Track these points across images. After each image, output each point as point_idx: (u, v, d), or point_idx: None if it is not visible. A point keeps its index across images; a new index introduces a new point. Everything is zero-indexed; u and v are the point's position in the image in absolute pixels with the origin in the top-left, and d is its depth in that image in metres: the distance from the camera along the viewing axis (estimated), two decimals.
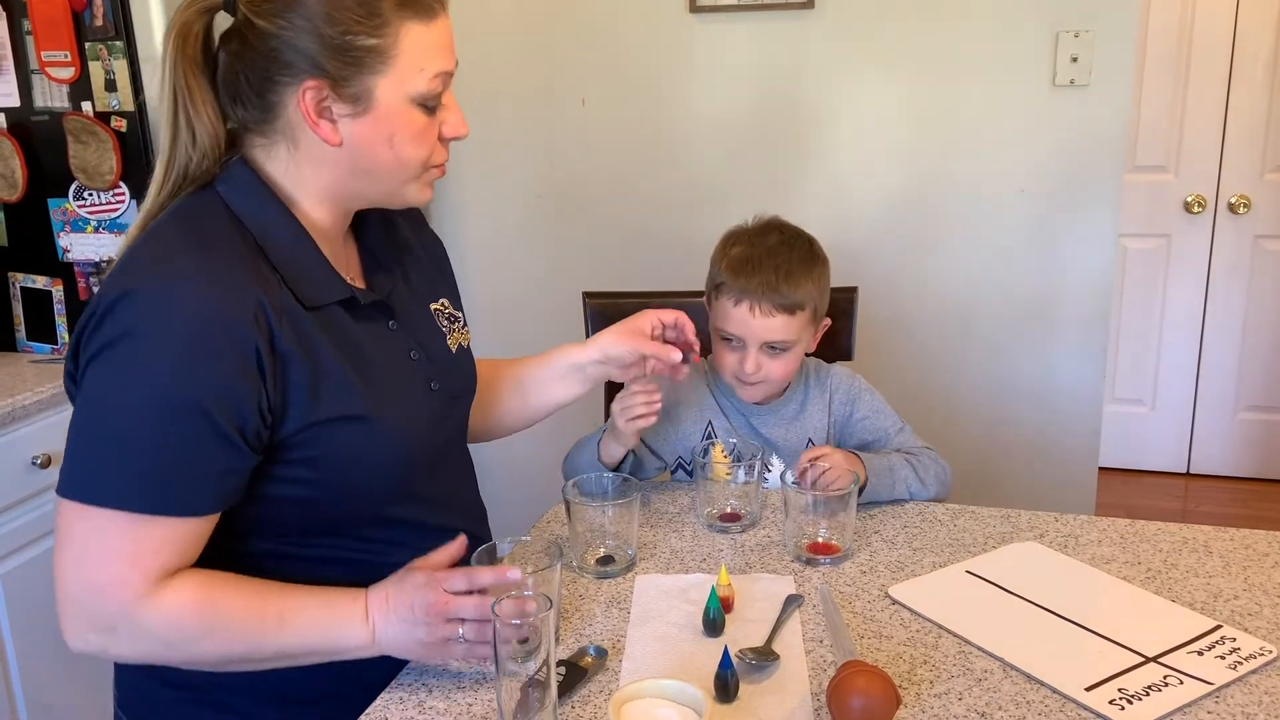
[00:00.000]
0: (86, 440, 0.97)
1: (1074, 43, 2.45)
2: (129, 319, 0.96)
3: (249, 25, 1.00)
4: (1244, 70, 3.46)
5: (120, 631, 0.99)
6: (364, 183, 1.08)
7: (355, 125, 1.03)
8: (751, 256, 1.48)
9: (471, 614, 1.01)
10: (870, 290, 2.37)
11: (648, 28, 2.65)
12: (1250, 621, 1.15)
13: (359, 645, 1.04)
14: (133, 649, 1.02)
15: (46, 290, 2.19)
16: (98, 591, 0.98)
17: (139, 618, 0.98)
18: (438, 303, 1.25)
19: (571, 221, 2.81)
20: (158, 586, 0.98)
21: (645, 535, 1.39)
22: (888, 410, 1.60)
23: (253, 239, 1.04)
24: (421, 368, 1.17)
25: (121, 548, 0.97)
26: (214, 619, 1.01)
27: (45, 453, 1.97)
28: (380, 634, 1.03)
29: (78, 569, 0.98)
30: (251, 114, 1.05)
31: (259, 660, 1.04)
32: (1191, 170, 3.58)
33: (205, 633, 1.01)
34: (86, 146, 2.06)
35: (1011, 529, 1.40)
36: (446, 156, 1.11)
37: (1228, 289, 3.64)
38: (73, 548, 0.98)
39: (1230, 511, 3.56)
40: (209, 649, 1.02)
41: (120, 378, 0.96)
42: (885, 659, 1.10)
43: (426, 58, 1.02)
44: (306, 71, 0.99)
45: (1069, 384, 2.64)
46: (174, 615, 0.99)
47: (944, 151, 2.60)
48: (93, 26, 2.02)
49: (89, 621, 1.00)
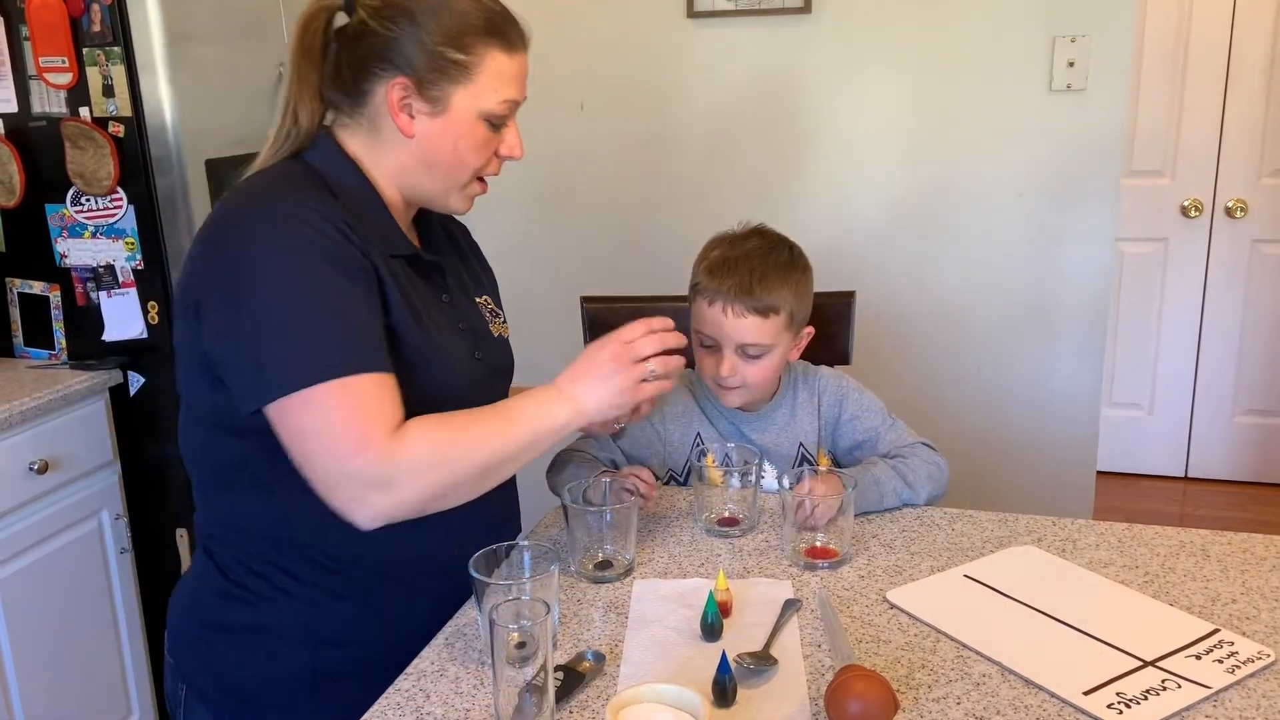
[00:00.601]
0: (266, 343, 1.06)
1: (1071, 47, 2.46)
2: (259, 233, 1.08)
3: (363, 25, 1.15)
4: (1240, 75, 3.47)
5: (396, 478, 1.06)
6: (424, 175, 1.21)
7: (429, 123, 1.17)
8: (728, 259, 1.49)
9: (653, 348, 1.18)
10: (868, 295, 2.37)
11: (645, 33, 2.66)
12: (1248, 625, 1.15)
13: (569, 418, 1.17)
14: (414, 488, 1.07)
15: (44, 295, 2.19)
16: (357, 453, 1.04)
17: (401, 455, 1.06)
18: (482, 298, 1.38)
19: (570, 226, 2.82)
20: (396, 430, 1.06)
21: (643, 540, 1.39)
22: (876, 408, 1.59)
23: (332, 193, 1.16)
24: (468, 338, 1.28)
25: (352, 409, 1.05)
26: (453, 431, 1.11)
27: (43, 458, 1.97)
28: (582, 401, 1.17)
29: (330, 448, 1.05)
30: (344, 98, 1.19)
31: (502, 461, 1.13)
32: (1188, 174, 3.59)
33: (458, 435, 1.11)
34: (84, 152, 2.06)
35: (1009, 533, 1.40)
36: (497, 172, 1.25)
37: (1225, 293, 3.65)
38: (315, 434, 1.05)
39: (1228, 515, 3.57)
40: (468, 453, 1.11)
41: (273, 279, 1.06)
42: (883, 663, 1.10)
43: (502, 82, 1.18)
44: (399, 70, 1.14)
45: (1067, 388, 2.64)
46: (427, 436, 1.08)
47: (941, 156, 2.60)
48: (90, 32, 2.02)
49: (365, 485, 1.05)
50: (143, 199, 2.09)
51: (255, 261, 1.07)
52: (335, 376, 1.04)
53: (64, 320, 2.19)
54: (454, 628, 1.20)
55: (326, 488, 1.06)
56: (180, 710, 1.27)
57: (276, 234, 1.08)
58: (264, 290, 1.06)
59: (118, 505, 2.17)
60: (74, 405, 2.06)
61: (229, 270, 1.08)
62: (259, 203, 1.13)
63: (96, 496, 2.12)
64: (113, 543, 2.16)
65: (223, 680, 1.23)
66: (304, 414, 1.05)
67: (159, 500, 2.22)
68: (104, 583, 2.15)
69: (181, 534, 2.21)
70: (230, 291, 1.07)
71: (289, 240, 1.08)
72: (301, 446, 1.06)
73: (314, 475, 1.07)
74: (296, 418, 1.05)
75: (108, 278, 2.14)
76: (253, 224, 1.10)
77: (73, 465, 2.06)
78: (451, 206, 1.26)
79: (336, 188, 1.17)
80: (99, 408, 2.12)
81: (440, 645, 1.16)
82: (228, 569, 1.22)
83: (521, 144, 1.24)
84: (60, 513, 2.03)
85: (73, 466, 2.06)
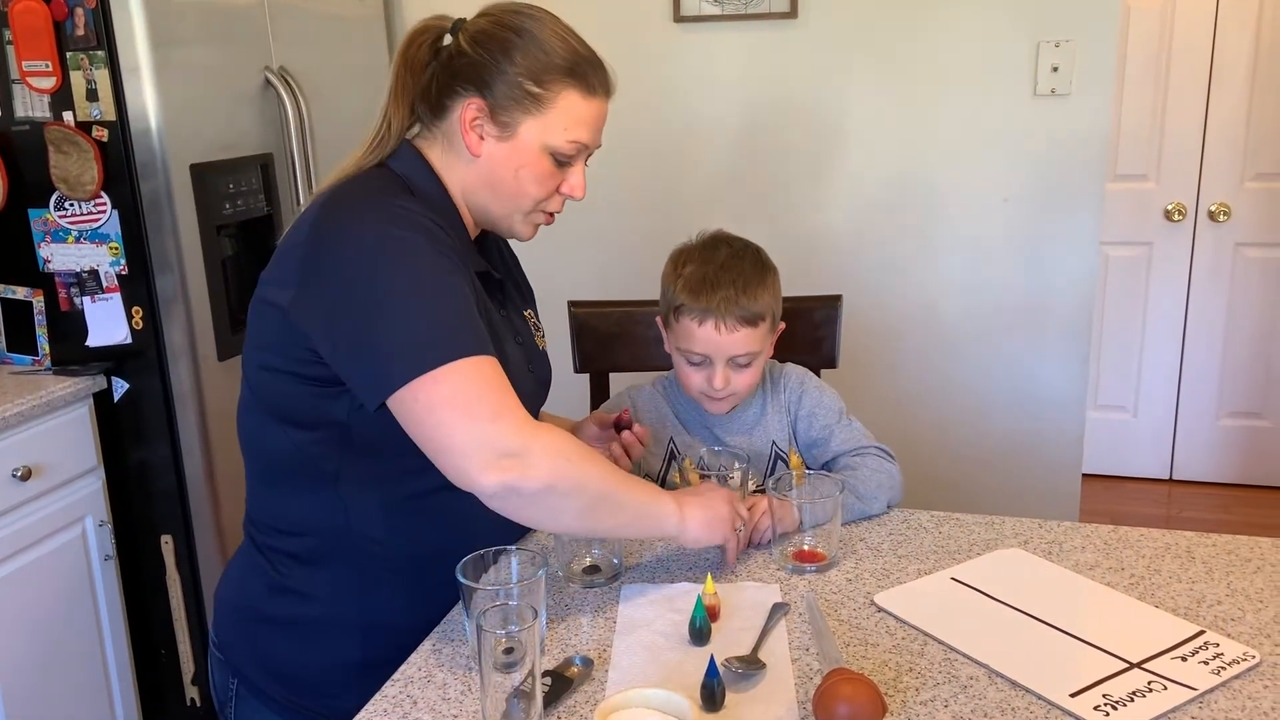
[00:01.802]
0: (387, 334, 1.09)
1: (1055, 52, 2.47)
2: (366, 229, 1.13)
3: (459, 49, 1.22)
4: (1223, 79, 3.50)
5: (530, 449, 1.08)
6: (486, 196, 1.26)
7: (496, 146, 1.22)
8: (707, 275, 1.48)
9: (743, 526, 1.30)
10: (854, 299, 2.37)
11: (632, 37, 2.66)
12: (1233, 627, 1.16)
13: (674, 530, 1.24)
14: (544, 467, 1.09)
15: (27, 301, 2.17)
16: (493, 422, 1.07)
17: (537, 435, 1.09)
18: (528, 312, 1.44)
19: (555, 230, 2.80)
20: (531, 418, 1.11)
21: (631, 544, 1.39)
22: (833, 406, 1.57)
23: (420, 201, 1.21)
24: (522, 351, 1.34)
25: (484, 383, 1.09)
26: (584, 452, 1.15)
27: (26, 465, 1.95)
28: (689, 529, 1.24)
29: (466, 417, 1.07)
30: (428, 111, 1.26)
31: (617, 506, 1.17)
32: (1172, 178, 3.61)
33: (585, 453, 1.15)
34: (68, 156, 2.05)
35: (996, 536, 1.41)
36: (559, 208, 1.30)
37: (1209, 296, 3.67)
38: (451, 406, 1.07)
39: (1213, 517, 3.59)
40: (592, 472, 1.14)
41: (389, 273, 1.10)
42: (871, 666, 1.10)
43: (572, 122, 1.22)
44: (478, 92, 1.20)
45: (1052, 391, 2.66)
46: (559, 435, 1.12)
47: (927, 160, 2.61)
48: (74, 36, 2.01)
49: (498, 454, 1.07)
50: (127, 204, 2.07)
51: (370, 257, 1.11)
52: (464, 356, 1.08)
53: (47, 326, 2.18)
54: (441, 633, 1.19)
55: (457, 454, 1.07)
56: (232, 704, 1.31)
57: (386, 229, 1.13)
58: (380, 283, 1.10)
59: (102, 512, 2.15)
60: (57, 411, 2.04)
61: (349, 266, 1.11)
62: (363, 205, 1.17)
63: (80, 503, 2.11)
64: (97, 549, 2.14)
65: (276, 672, 1.27)
66: (435, 390, 1.07)
67: (143, 507, 2.20)
68: (88, 590, 2.13)
69: (166, 540, 2.20)
70: (364, 284, 1.10)
71: (399, 235, 1.13)
72: (432, 419, 1.07)
73: (444, 444, 1.07)
74: (428, 393, 1.07)
75: (91, 283, 2.12)
76: (359, 224, 1.14)
77: (56, 472, 2.04)
78: (516, 232, 1.30)
79: (423, 197, 1.22)
80: (83, 414, 2.11)
81: (427, 651, 1.16)
82: (277, 563, 1.26)
83: (584, 186, 1.28)
84: (44, 519, 2.02)
85: (56, 473, 2.04)
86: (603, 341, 1.91)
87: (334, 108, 2.50)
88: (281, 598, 1.25)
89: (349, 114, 2.54)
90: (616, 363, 1.92)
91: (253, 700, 1.28)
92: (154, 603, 2.24)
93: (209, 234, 2.15)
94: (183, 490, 2.18)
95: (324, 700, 1.25)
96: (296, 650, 1.26)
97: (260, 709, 1.28)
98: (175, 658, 2.26)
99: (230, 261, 2.24)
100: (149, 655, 2.27)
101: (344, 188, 1.21)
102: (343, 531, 1.22)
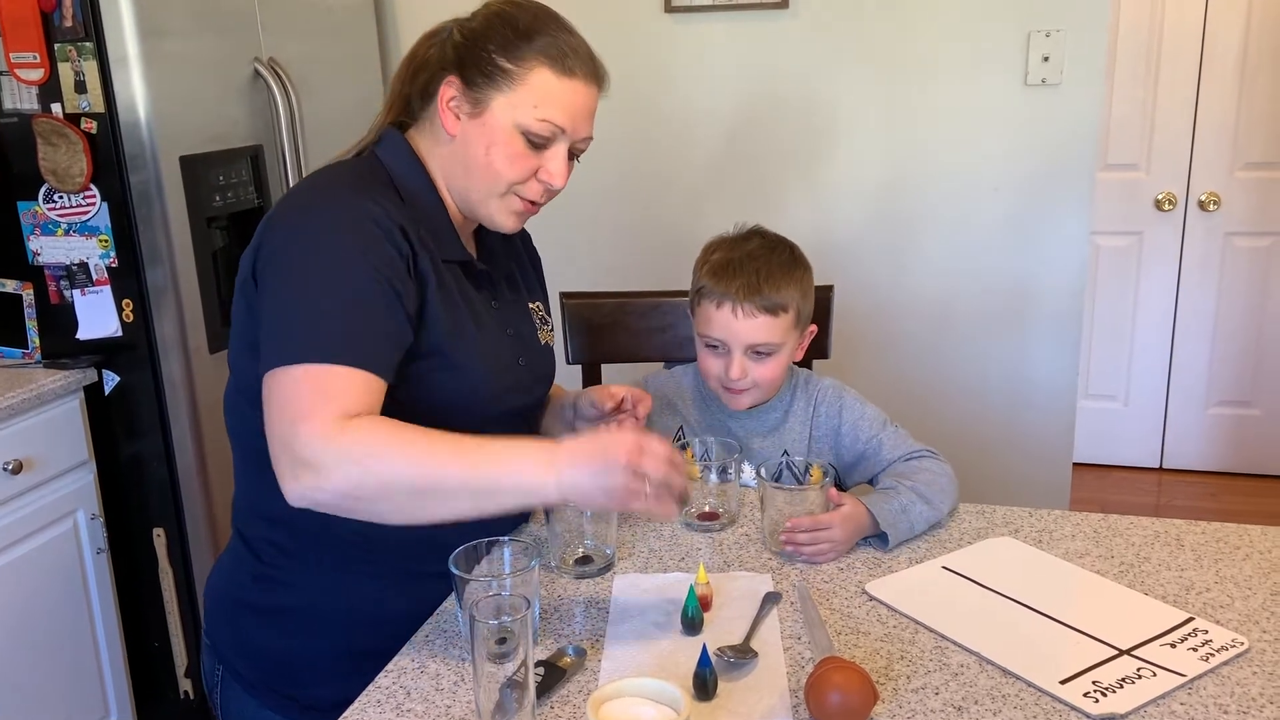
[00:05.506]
0: (283, 322, 1.11)
1: (1045, 42, 2.47)
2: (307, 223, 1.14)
3: (451, 38, 1.24)
4: (1214, 69, 3.50)
5: (324, 462, 1.04)
6: (462, 178, 1.25)
7: (469, 124, 1.22)
8: (732, 260, 1.49)
9: (659, 473, 1.07)
10: (846, 288, 2.37)
11: (623, 28, 2.66)
12: (1222, 614, 1.17)
13: (548, 492, 1.07)
14: (338, 477, 1.04)
15: (17, 294, 2.16)
16: (297, 425, 1.05)
17: (337, 441, 1.04)
18: (534, 303, 1.43)
19: (547, 222, 2.80)
20: (348, 419, 1.06)
21: (624, 535, 1.39)
22: (874, 414, 1.55)
23: (399, 193, 1.23)
24: (514, 344, 1.33)
25: (315, 391, 1.07)
26: (404, 435, 1.06)
27: (17, 458, 1.95)
28: (568, 484, 1.06)
29: (280, 417, 1.07)
30: (419, 98, 1.27)
31: (446, 493, 1.06)
32: (1162, 168, 3.62)
33: (398, 447, 1.05)
34: (56, 149, 2.04)
35: (987, 524, 1.41)
36: (539, 197, 1.26)
37: (1199, 285, 3.69)
38: (275, 403, 1.08)
39: (1202, 505, 3.61)
40: (407, 463, 1.05)
41: (312, 268, 1.11)
42: (862, 655, 1.10)
43: (542, 99, 1.20)
44: (455, 70, 1.21)
45: (1043, 380, 2.66)
46: (371, 431, 1.05)
47: (918, 150, 2.61)
48: (62, 27, 2.00)
49: (297, 461, 1.05)
50: (116, 196, 2.07)
51: (303, 250, 1.13)
52: (318, 361, 1.07)
53: (37, 319, 2.17)
54: (434, 624, 1.19)
55: (273, 457, 1.08)
56: (217, 689, 1.32)
57: (329, 231, 1.14)
58: (296, 275, 1.12)
59: (93, 505, 2.15)
60: (48, 404, 2.04)
61: (279, 254, 1.14)
62: (323, 197, 1.19)
63: (72, 496, 2.10)
64: (89, 543, 2.14)
65: (259, 660, 1.28)
66: (276, 385, 1.08)
67: (135, 500, 2.20)
68: (80, 583, 2.13)
69: (158, 533, 2.20)
70: (278, 273, 1.13)
71: (337, 239, 1.13)
72: (265, 415, 1.09)
73: (269, 445, 1.08)
74: (269, 389, 1.09)
75: (81, 276, 2.12)
76: (311, 217, 1.16)
77: (47, 465, 2.04)
78: (495, 219, 1.26)
79: (403, 189, 1.23)
80: (73, 407, 2.10)
81: (420, 642, 1.16)
82: (261, 552, 1.27)
83: (564, 175, 1.24)
84: (35, 513, 2.01)
85: (47, 466, 2.04)
86: (595, 333, 1.91)
87: (324, 99, 2.49)
88: (265, 586, 1.27)
89: (339, 105, 2.54)
90: (609, 354, 1.92)
91: (236, 686, 1.30)
92: (146, 596, 2.24)
93: (199, 226, 2.14)
94: (174, 483, 2.18)
95: (305, 688, 1.27)
96: (279, 638, 1.27)
97: (243, 695, 1.29)
98: (168, 650, 2.26)
99: (220, 253, 2.23)
100: (141, 648, 2.27)
101: (314, 175, 1.24)
102: (324, 521, 1.18)
